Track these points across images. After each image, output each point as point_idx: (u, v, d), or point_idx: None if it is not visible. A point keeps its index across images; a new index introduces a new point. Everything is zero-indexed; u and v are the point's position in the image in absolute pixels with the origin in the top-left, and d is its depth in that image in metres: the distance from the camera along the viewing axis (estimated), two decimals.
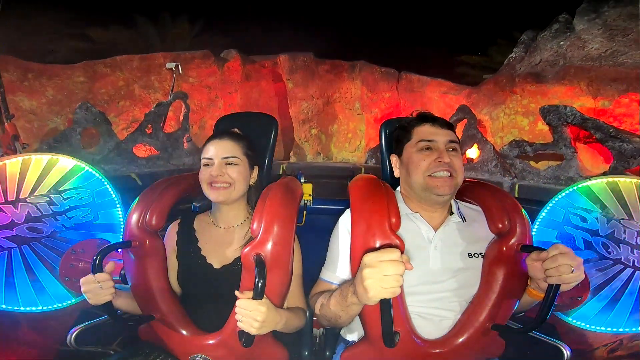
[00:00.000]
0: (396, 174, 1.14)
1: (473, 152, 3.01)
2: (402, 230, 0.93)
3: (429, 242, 1.02)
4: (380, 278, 0.73)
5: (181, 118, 3.08)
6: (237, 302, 0.86)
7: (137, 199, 1.13)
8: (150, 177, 2.42)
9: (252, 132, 1.30)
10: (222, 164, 1.08)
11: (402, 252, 0.77)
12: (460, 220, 1.06)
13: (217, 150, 1.09)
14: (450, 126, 1.09)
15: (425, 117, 1.09)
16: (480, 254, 1.02)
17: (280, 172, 3.32)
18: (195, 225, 1.17)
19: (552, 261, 0.82)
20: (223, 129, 1.28)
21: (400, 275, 0.73)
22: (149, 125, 2.69)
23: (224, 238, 1.13)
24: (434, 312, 0.99)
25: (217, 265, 1.09)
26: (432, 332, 0.99)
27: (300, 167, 3.75)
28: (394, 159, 1.14)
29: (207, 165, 1.09)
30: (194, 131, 3.29)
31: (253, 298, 0.85)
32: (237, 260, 1.06)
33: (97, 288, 0.93)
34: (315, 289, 1.10)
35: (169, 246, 1.15)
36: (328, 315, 0.96)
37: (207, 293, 1.09)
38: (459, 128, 3.06)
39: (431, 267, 1.00)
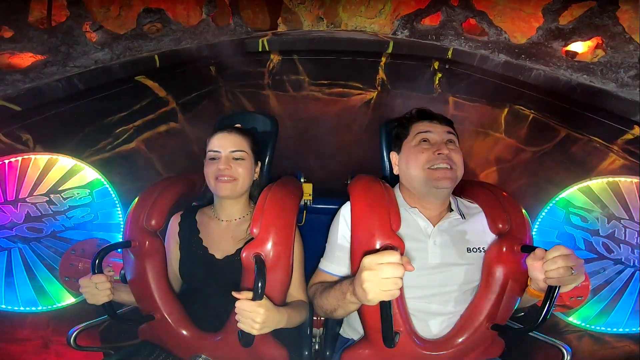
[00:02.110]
0: (395, 171, 1.14)
1: (579, 47, 1.98)
2: (401, 224, 0.93)
3: (427, 236, 1.02)
4: (379, 281, 0.72)
5: (65, 3, 2.04)
6: (237, 304, 0.86)
7: (137, 199, 1.13)
8: (34, 93, 1.64)
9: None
10: (230, 157, 1.08)
11: (402, 254, 0.77)
12: (460, 217, 1.06)
13: (225, 144, 1.09)
14: (448, 122, 1.09)
15: (424, 114, 1.10)
16: (479, 248, 1.02)
17: (260, 49, 2.38)
18: (197, 218, 1.18)
19: (552, 263, 0.81)
20: (225, 126, 1.27)
21: (399, 278, 0.72)
22: (3, 27, 1.83)
23: (226, 231, 1.13)
24: (432, 307, 1.00)
25: (219, 255, 1.10)
26: (430, 329, 0.99)
27: (294, 37, 2.51)
28: (393, 156, 1.14)
29: (214, 158, 1.09)
30: (113, 14, 2.20)
31: (253, 299, 0.85)
32: (239, 251, 1.06)
33: (93, 289, 0.94)
34: (314, 279, 1.10)
35: (171, 238, 1.16)
36: (325, 307, 0.97)
37: (209, 283, 1.10)
38: (567, 14, 1.94)
39: (430, 262, 1.00)
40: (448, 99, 2.28)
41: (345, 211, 1.06)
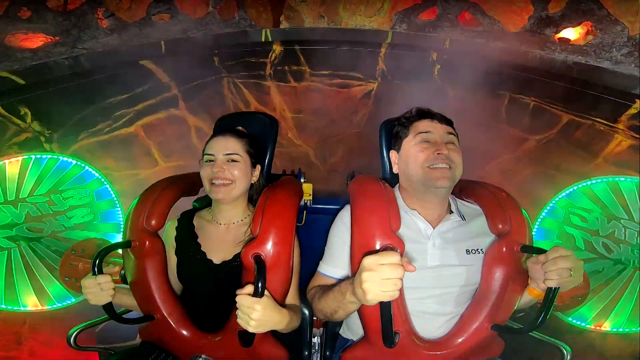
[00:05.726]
0: (395, 170, 1.14)
1: (571, 33, 2.05)
2: (401, 226, 0.93)
3: (427, 238, 1.02)
4: (379, 281, 0.72)
5: None
6: (237, 298, 0.86)
7: (137, 198, 1.13)
8: (39, 68, 1.65)
9: (252, 132, 1.29)
10: (224, 160, 1.08)
11: (402, 254, 0.77)
12: (460, 218, 1.06)
13: (219, 147, 1.09)
14: (448, 121, 1.09)
15: (424, 113, 1.10)
16: (478, 250, 1.02)
17: (263, 39, 2.46)
18: (195, 222, 1.17)
19: (551, 264, 0.81)
20: (224, 128, 1.27)
21: (399, 279, 0.72)
22: (22, 9, 1.92)
23: (224, 235, 1.13)
24: (432, 307, 1.00)
25: (217, 260, 1.10)
26: (430, 329, 0.99)
27: (296, 31, 2.61)
28: (393, 154, 1.14)
29: (209, 161, 1.09)
30: (124, 6, 2.29)
31: (253, 295, 0.85)
32: (237, 256, 1.06)
33: (97, 289, 0.94)
34: (313, 283, 1.10)
35: (167, 243, 1.15)
36: (325, 309, 0.97)
37: (208, 288, 1.09)
38: (555, 3, 2.06)
39: (429, 264, 1.00)
40: (447, 90, 2.30)
41: (344, 215, 1.06)
